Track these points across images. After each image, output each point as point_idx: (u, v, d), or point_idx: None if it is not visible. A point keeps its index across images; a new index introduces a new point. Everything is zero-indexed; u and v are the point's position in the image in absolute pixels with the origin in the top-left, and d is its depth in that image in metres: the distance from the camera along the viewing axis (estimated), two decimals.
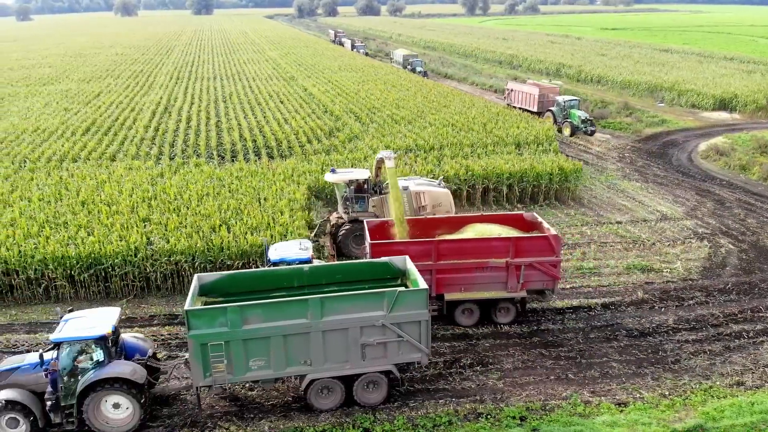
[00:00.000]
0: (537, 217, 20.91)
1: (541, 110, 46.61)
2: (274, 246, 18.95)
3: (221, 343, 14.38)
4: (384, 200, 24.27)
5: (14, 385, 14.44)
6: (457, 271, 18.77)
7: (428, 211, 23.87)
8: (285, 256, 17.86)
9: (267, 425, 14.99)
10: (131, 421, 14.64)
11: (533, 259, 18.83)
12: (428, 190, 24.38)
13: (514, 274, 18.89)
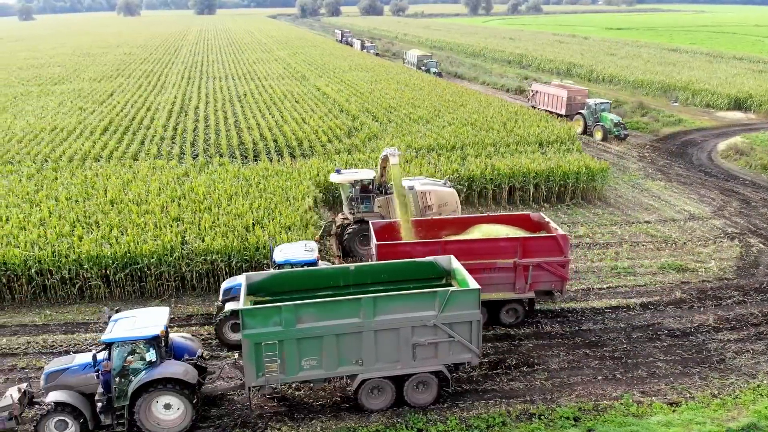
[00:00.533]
0: (544, 217, 20.75)
1: (569, 113, 45.42)
2: (279, 247, 18.77)
3: (275, 342, 14.25)
4: (390, 200, 24.03)
5: (63, 386, 14.29)
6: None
7: (434, 211, 23.75)
8: (290, 257, 17.74)
9: (318, 425, 14.86)
10: (182, 422, 14.50)
11: (541, 259, 18.61)
12: (434, 189, 24.18)
13: (522, 274, 18.72)
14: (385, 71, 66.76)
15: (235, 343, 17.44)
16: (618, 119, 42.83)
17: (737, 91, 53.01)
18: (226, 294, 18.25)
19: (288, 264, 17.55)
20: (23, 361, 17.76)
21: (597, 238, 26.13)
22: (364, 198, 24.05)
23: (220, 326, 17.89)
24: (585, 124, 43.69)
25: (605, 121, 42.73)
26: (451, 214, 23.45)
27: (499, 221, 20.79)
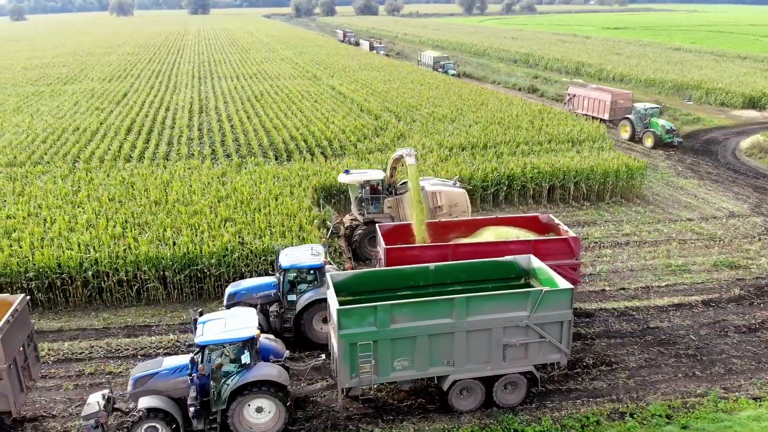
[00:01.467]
0: (553, 219, 20.52)
1: (613, 118, 43.19)
2: (284, 251, 18.33)
3: (370, 342, 14.06)
4: (399, 201, 23.72)
5: (152, 391, 14.01)
6: None
7: (445, 211, 23.41)
8: (296, 262, 17.45)
9: (411, 427, 14.68)
10: (275, 425, 14.27)
11: (552, 262, 17.90)
12: (444, 190, 23.72)
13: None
14: (396, 71, 66.59)
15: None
16: (670, 125, 40.35)
17: (751, 90, 53.39)
18: (230, 299, 17.81)
19: (294, 269, 17.36)
20: (90, 366, 17.42)
21: (644, 236, 26.12)
22: (373, 199, 23.69)
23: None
24: (633, 130, 41.23)
25: (656, 127, 40.18)
26: (461, 214, 23.19)
27: (507, 223, 20.60)
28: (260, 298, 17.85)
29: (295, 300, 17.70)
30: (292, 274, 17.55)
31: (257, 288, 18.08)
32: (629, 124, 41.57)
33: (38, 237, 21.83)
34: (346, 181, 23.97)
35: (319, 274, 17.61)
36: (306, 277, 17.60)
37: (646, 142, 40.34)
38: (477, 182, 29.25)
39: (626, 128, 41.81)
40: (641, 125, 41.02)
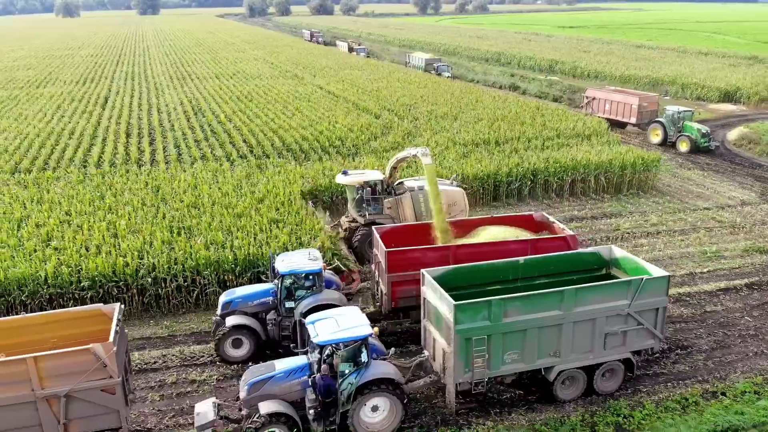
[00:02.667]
0: (547, 217, 20.70)
1: (640, 122, 42.02)
2: (280, 257, 17.83)
3: (484, 337, 14.18)
4: (399, 201, 23.46)
5: (267, 396, 13.73)
6: None
7: (444, 210, 22.93)
8: (294, 268, 16.99)
9: (521, 419, 14.86)
10: (391, 424, 14.20)
11: None
12: (444, 189, 23.17)
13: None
14: (377, 70, 66.67)
15: (236, 360, 16.86)
16: (706, 129, 38.86)
17: (725, 85, 55.88)
18: (225, 307, 17.33)
19: (292, 274, 16.93)
20: (170, 375, 16.86)
21: (671, 226, 27.09)
22: (372, 200, 23.28)
23: (221, 342, 16.91)
24: (664, 135, 39.64)
25: (690, 131, 38.57)
26: (459, 213, 23.15)
27: (502, 222, 20.65)
28: (256, 306, 17.43)
29: (293, 307, 17.18)
30: (289, 280, 17.06)
31: (253, 296, 17.59)
32: (661, 128, 39.92)
33: (81, 245, 20.97)
34: (345, 182, 23.57)
35: (318, 280, 17.25)
36: (303, 283, 17.15)
37: (681, 147, 38.81)
38: (502, 177, 29.73)
39: (657, 132, 40.15)
40: (674, 129, 39.48)
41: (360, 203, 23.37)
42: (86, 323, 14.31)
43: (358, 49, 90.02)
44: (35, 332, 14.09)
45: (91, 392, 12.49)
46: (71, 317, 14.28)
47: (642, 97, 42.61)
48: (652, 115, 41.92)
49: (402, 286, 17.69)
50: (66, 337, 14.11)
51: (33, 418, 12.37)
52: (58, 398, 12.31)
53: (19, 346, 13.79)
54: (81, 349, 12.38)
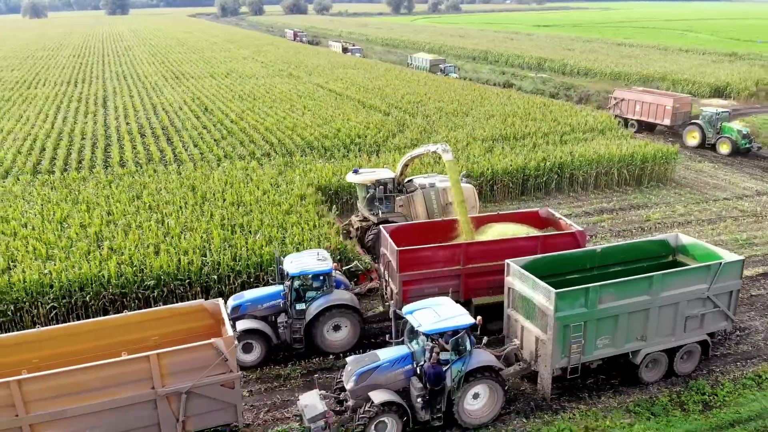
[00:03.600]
0: (553, 213, 20.83)
1: (674, 123, 40.82)
2: (289, 258, 17.60)
3: (581, 323, 14.57)
4: (410, 199, 23.39)
5: (374, 386, 13.86)
6: (485, 274, 17.91)
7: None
8: (305, 269, 16.80)
9: (611, 401, 15.31)
10: (491, 411, 14.50)
11: None
12: None
13: None
14: (373, 69, 66.82)
15: (247, 366, 16.55)
16: (746, 130, 38.01)
17: (715, 80, 57.63)
18: (234, 312, 16.89)
19: (303, 275, 16.73)
20: (253, 372, 16.79)
21: (698, 216, 27.97)
22: (384, 198, 23.19)
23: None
24: (702, 137, 38.64)
25: (730, 132, 37.65)
26: (470, 210, 22.52)
27: (508, 219, 20.65)
28: (266, 309, 17.16)
29: (304, 309, 17.04)
30: (299, 281, 16.86)
31: (263, 299, 17.28)
32: (698, 130, 38.84)
33: (136, 244, 20.71)
34: (356, 181, 23.43)
35: (329, 280, 17.14)
36: (312, 284, 17.01)
37: (722, 149, 37.76)
38: (531, 171, 30.27)
39: (694, 134, 39.11)
40: (712, 131, 38.40)
41: (371, 202, 23.29)
42: (188, 320, 14.26)
43: (353, 49, 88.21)
44: (135, 331, 13.97)
45: (211, 388, 12.46)
46: (172, 314, 14.19)
47: (676, 98, 41.63)
48: (685, 117, 41.04)
49: (413, 285, 17.62)
50: (167, 335, 14.04)
51: (152, 417, 12.28)
52: (178, 395, 12.25)
53: (120, 345, 13.68)
54: (202, 344, 12.33)
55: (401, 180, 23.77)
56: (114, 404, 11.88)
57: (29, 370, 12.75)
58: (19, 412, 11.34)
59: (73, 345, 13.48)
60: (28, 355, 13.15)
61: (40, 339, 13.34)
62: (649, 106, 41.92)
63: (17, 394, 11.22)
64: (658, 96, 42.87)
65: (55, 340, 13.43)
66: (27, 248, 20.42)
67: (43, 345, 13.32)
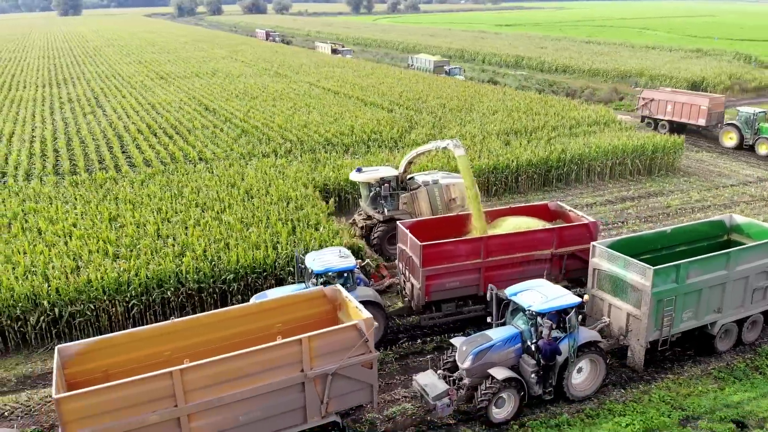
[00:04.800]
0: (562, 206, 21.19)
1: (709, 123, 40.30)
2: (310, 256, 17.44)
3: (672, 298, 15.61)
4: (414, 197, 23.51)
5: (489, 364, 14.53)
6: (505, 267, 18.30)
7: (458, 203, 23.58)
8: (330, 266, 16.69)
9: (693, 371, 16.41)
10: (594, 383, 15.38)
11: (575, 247, 18.83)
12: (458, 182, 23.69)
13: (557, 264, 18.88)
14: (360, 67, 67.29)
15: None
16: None
17: (691, 75, 60.42)
18: None
19: (329, 272, 16.55)
20: None
21: (713, 201, 29.65)
22: (388, 196, 23.28)
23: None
24: (740, 138, 38.16)
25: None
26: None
27: (519, 213, 21.03)
28: None
29: None
30: (323, 279, 16.57)
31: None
32: (735, 131, 38.47)
33: (201, 240, 20.77)
34: (361, 180, 23.45)
35: (352, 277, 17.09)
36: (338, 281, 16.66)
37: (760, 150, 37.16)
38: (553, 163, 31.46)
39: (731, 135, 38.74)
40: (750, 132, 37.85)
41: (375, 200, 23.45)
42: (307, 306, 14.61)
43: (344, 51, 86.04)
44: (258, 320, 14.25)
45: (354, 368, 12.89)
46: (294, 301, 14.54)
47: (711, 98, 40.99)
48: (719, 117, 40.68)
49: (436, 280, 17.75)
50: (288, 322, 14.36)
51: (299, 401, 12.62)
52: (324, 377, 12.64)
53: (244, 334, 13.94)
54: (347, 326, 12.76)
55: (404, 177, 23.80)
56: (266, 389, 12.18)
57: (161, 363, 12.92)
58: (179, 402, 11.52)
59: (198, 337, 13.66)
60: (159, 348, 13.28)
61: (167, 332, 13.48)
62: (682, 107, 41.33)
63: (179, 383, 11.42)
64: (692, 96, 42.39)
65: (181, 333, 13.58)
66: (89, 248, 20.26)
67: (170, 338, 13.45)
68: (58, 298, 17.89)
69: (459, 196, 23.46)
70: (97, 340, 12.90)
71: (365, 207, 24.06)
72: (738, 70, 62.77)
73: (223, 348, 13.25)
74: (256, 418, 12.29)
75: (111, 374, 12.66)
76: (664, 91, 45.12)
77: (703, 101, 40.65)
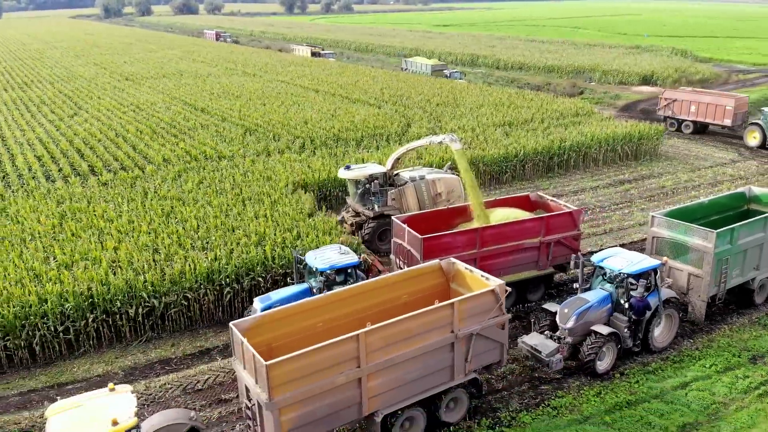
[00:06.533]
0: (542, 196, 22.32)
1: (735, 123, 40.52)
2: (311, 254, 17.58)
3: (727, 258, 18.00)
4: (402, 192, 24.08)
5: (590, 323, 16.40)
6: (497, 256, 19.15)
7: (444, 198, 24.41)
8: (334, 263, 16.88)
9: (743, 320, 18.90)
10: (670, 335, 17.56)
11: (561, 235, 20.05)
12: (442, 177, 24.68)
13: (545, 252, 19.84)
14: (329, 66, 68.12)
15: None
16: None
17: (641, 69, 65.05)
18: None
19: (333, 269, 16.77)
20: None
21: (701, 181, 32.86)
22: (377, 193, 23.82)
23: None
24: (763, 137, 38.45)
25: None
26: (456, 200, 24.26)
27: (503, 204, 22.03)
28: None
29: None
30: (323, 277, 16.76)
31: (289, 298, 17.02)
32: (759, 130, 38.77)
33: (270, 229, 21.62)
34: (350, 177, 23.94)
35: (356, 272, 17.34)
36: (336, 279, 16.90)
37: None
38: (555, 151, 33.90)
39: (755, 135, 39.06)
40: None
41: (364, 196, 24.07)
42: (426, 279, 15.94)
43: (326, 54, 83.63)
44: (387, 292, 15.45)
45: (491, 329, 14.37)
46: (417, 274, 15.84)
47: (737, 99, 41.24)
48: (744, 117, 41.17)
49: None
50: (412, 293, 15.65)
51: (448, 359, 13.98)
52: (468, 337, 14.05)
53: (381, 304, 15.15)
54: (486, 291, 14.20)
55: (391, 174, 24.39)
56: (425, 349, 13.46)
57: (316, 334, 13.97)
58: (362, 363, 12.66)
59: (341, 309, 14.76)
60: (313, 320, 14.31)
61: (314, 307, 14.50)
62: (707, 107, 41.51)
63: (363, 345, 12.55)
64: (716, 96, 42.46)
65: (325, 307, 14.63)
66: (164, 242, 20.68)
67: (317, 312, 14.48)
68: (153, 291, 18.35)
69: (444, 191, 24.34)
70: (260, 316, 13.77)
71: (353, 204, 24.66)
72: (680, 64, 68.00)
73: (365, 318, 14.35)
74: (415, 376, 13.57)
75: (274, 347, 13.58)
76: (686, 91, 45.36)
77: (728, 101, 40.80)
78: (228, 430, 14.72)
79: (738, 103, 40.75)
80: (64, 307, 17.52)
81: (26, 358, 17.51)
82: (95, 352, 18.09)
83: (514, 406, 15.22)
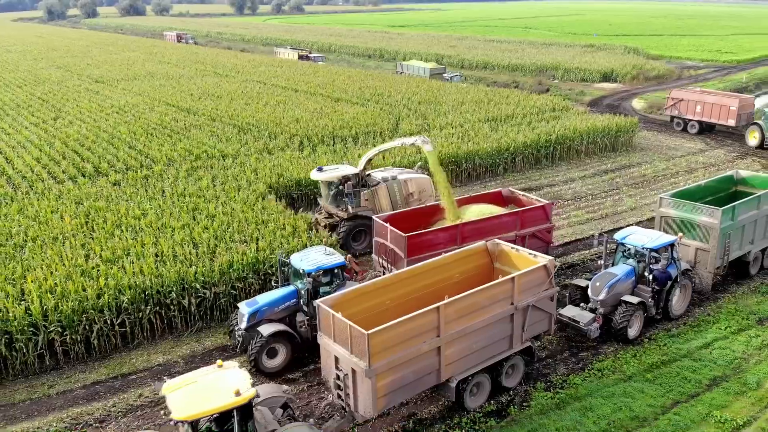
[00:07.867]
0: (514, 191, 23.40)
1: (739, 124, 40.57)
2: (297, 256, 17.69)
3: (730, 233, 20.06)
4: (375, 193, 24.31)
5: (619, 294, 18.11)
6: None
7: (415, 198, 24.86)
8: (321, 264, 17.07)
9: (743, 288, 21.06)
10: (684, 304, 19.50)
11: (535, 228, 21.26)
12: (414, 177, 25.22)
13: (520, 244, 19.58)
14: (294, 66, 68.65)
15: (273, 371, 16.70)
16: None
17: (601, 67, 68.32)
18: (251, 319, 16.86)
19: (321, 270, 16.99)
20: None
21: (677, 168, 35.40)
22: (351, 194, 23.89)
23: (259, 354, 16.50)
24: (762, 136, 38.76)
25: None
26: (428, 199, 24.75)
27: (476, 201, 22.63)
28: (283, 311, 17.33)
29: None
30: (310, 279, 16.93)
31: (278, 301, 17.33)
32: (758, 129, 39.12)
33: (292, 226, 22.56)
34: (323, 178, 24.00)
35: (342, 273, 17.62)
36: (322, 280, 17.18)
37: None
38: (542, 144, 35.85)
39: (755, 134, 39.41)
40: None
41: (337, 198, 24.23)
42: (473, 260, 17.27)
43: (315, 57, 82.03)
44: (442, 272, 16.68)
45: (544, 301, 15.83)
46: (467, 254, 17.14)
47: (741, 99, 41.45)
48: (748, 117, 41.03)
49: None
50: (463, 272, 16.96)
51: (507, 329, 15.35)
52: (525, 309, 15.44)
53: (437, 283, 16.39)
54: (539, 266, 15.64)
55: (363, 174, 24.53)
56: (491, 320, 14.79)
57: (384, 311, 15.11)
58: (441, 333, 13.88)
59: (403, 288, 15.93)
60: (381, 298, 15.43)
61: (380, 287, 15.64)
62: (712, 107, 41.60)
63: (443, 316, 13.77)
64: (721, 96, 42.58)
65: (390, 287, 15.78)
66: (201, 236, 21.30)
67: (384, 291, 15.61)
68: (204, 282, 19.02)
69: (416, 190, 24.89)
70: (340, 295, 14.79)
71: (326, 205, 24.79)
72: (636, 62, 71.70)
73: (426, 295, 15.64)
74: (482, 345, 14.89)
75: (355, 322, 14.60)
76: (693, 91, 45.45)
77: (732, 102, 40.85)
78: (303, 405, 15.65)
79: (742, 104, 40.78)
80: (119, 300, 18.01)
81: (82, 353, 17.92)
82: (148, 343, 18.63)
83: (561, 371, 16.76)
